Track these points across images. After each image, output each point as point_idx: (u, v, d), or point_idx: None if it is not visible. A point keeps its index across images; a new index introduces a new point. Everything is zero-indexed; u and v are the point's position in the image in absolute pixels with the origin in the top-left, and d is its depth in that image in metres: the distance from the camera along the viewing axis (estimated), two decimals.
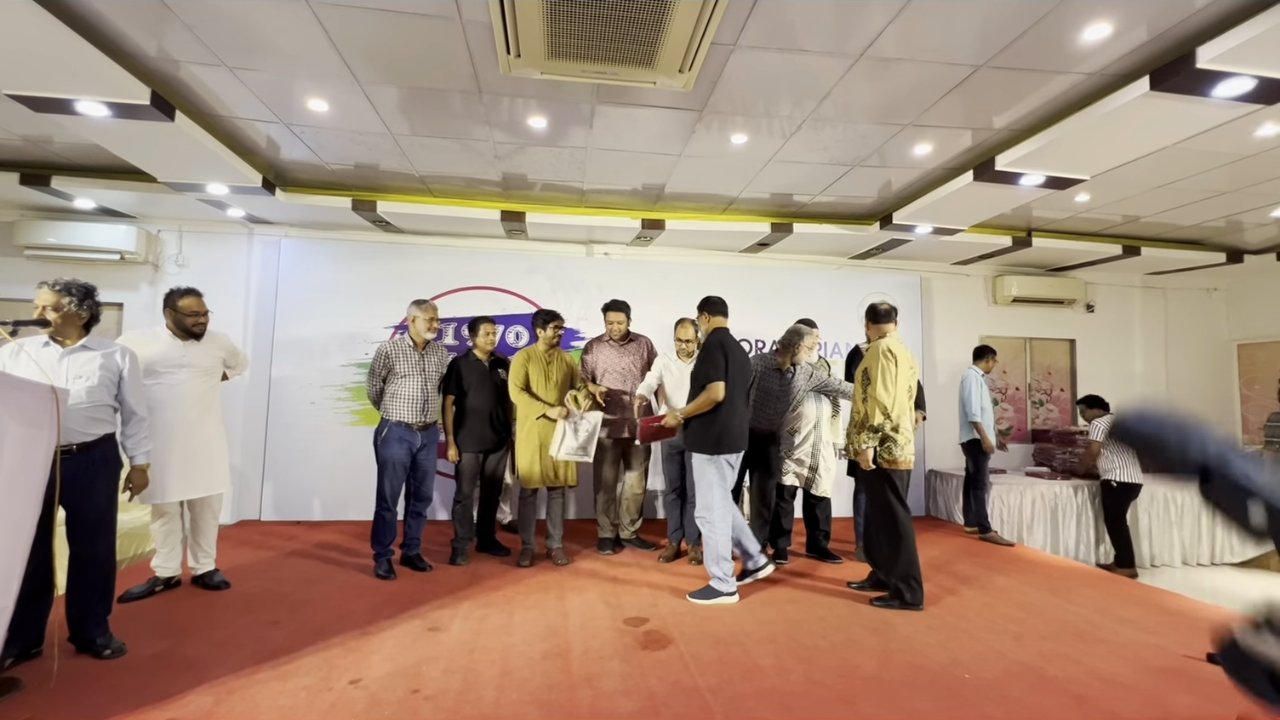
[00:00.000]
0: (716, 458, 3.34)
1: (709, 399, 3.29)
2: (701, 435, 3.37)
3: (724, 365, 3.31)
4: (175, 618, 3.02)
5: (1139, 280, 6.86)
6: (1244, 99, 2.90)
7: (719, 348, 3.36)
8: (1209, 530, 5.59)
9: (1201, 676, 2.54)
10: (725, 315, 3.53)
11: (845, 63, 2.96)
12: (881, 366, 3.37)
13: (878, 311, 3.57)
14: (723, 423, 3.33)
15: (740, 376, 3.41)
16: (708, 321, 3.51)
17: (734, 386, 3.35)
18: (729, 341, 3.42)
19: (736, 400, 3.37)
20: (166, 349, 3.28)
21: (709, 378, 3.31)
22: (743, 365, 3.45)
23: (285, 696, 2.28)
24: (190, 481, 3.28)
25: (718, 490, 3.35)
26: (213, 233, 5.32)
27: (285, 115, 3.61)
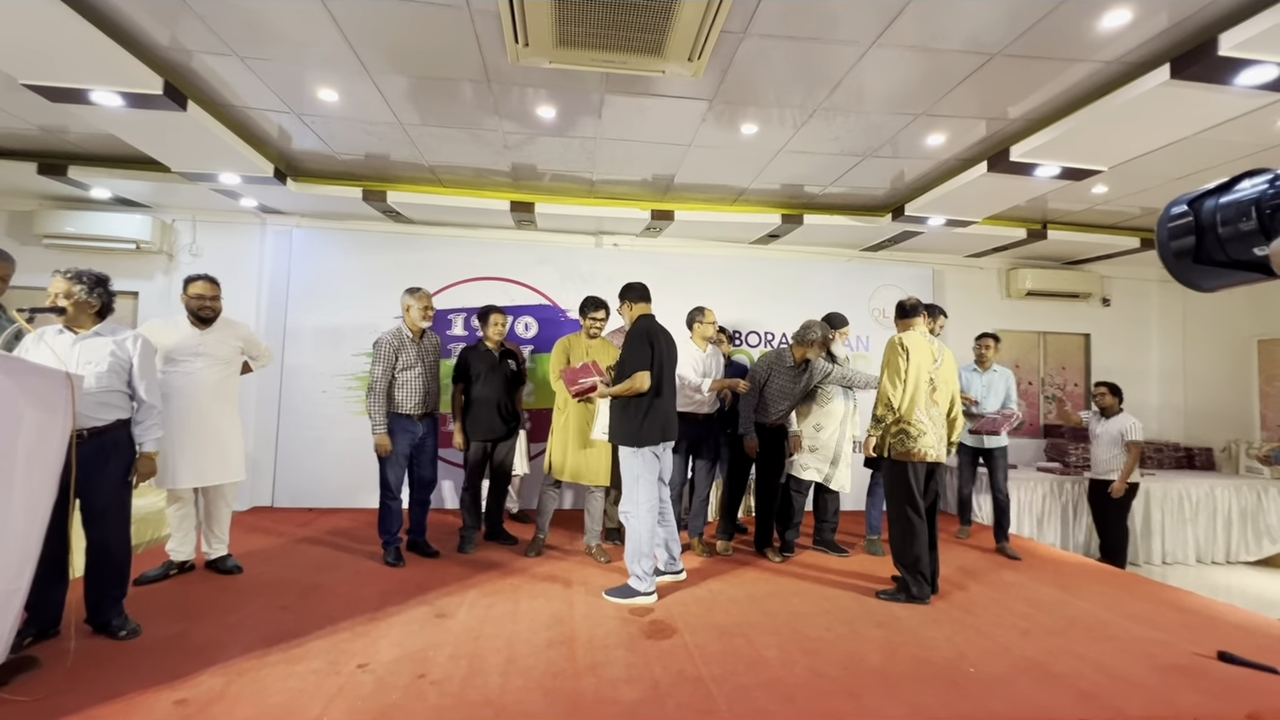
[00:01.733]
0: (641, 450, 3.23)
1: (632, 387, 3.19)
2: (624, 426, 3.25)
3: (650, 354, 3.22)
4: (188, 601, 3.08)
5: (1156, 274, 6.74)
6: (1267, 87, 2.83)
7: (644, 335, 3.26)
8: (1224, 528, 5.51)
9: (1211, 675, 2.51)
10: (649, 301, 3.44)
11: (858, 50, 2.92)
12: (889, 360, 3.38)
13: (904, 307, 3.59)
14: (646, 413, 3.22)
15: (668, 365, 3.33)
16: (630, 309, 3.40)
17: (661, 375, 3.26)
18: (655, 329, 3.32)
19: (663, 389, 3.28)
20: (184, 337, 3.34)
21: (635, 366, 3.21)
22: (669, 353, 3.36)
23: (294, 679, 2.32)
24: (201, 469, 3.32)
25: (644, 484, 3.24)
26: (226, 222, 5.37)
27: (296, 105, 3.63)
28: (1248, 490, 5.54)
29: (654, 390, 3.23)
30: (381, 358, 3.73)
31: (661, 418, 3.27)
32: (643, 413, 3.22)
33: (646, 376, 3.19)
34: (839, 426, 4.10)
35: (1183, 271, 1.01)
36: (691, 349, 4.15)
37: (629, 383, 3.21)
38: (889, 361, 3.39)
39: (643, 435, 3.21)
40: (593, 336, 4.02)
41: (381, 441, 3.66)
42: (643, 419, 3.21)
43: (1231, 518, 5.52)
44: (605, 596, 3.24)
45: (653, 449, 3.26)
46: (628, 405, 3.25)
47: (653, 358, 3.23)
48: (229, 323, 3.53)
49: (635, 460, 3.25)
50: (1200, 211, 0.97)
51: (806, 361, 4.06)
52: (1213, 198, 0.96)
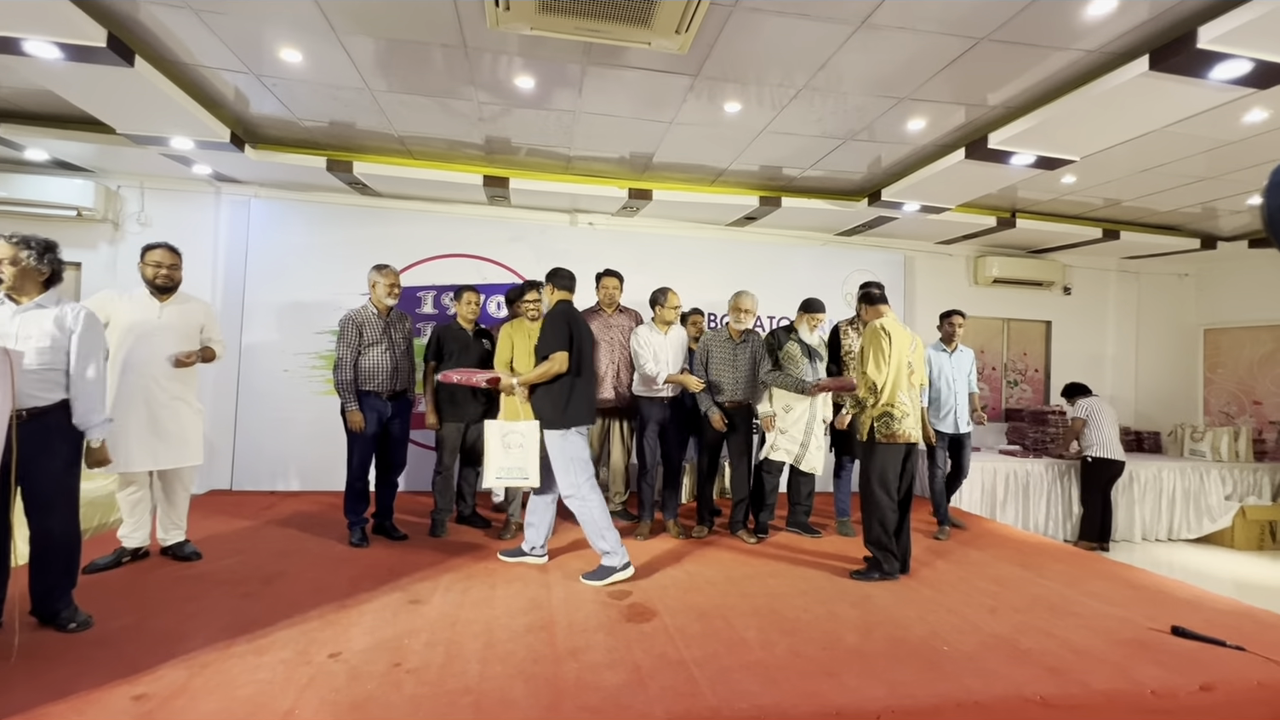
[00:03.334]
0: (567, 432, 3.24)
1: (550, 369, 3.20)
2: (548, 409, 3.25)
3: (568, 336, 3.23)
4: (144, 590, 2.93)
5: (1115, 264, 6.98)
6: (1239, 82, 2.90)
7: (563, 317, 3.27)
8: (1169, 508, 5.80)
9: (1166, 649, 2.63)
10: (572, 291, 3.44)
11: (846, 30, 2.88)
12: (873, 344, 3.42)
13: (872, 295, 3.69)
14: (570, 394, 3.24)
15: (586, 349, 3.35)
16: (552, 293, 3.42)
17: (580, 358, 3.29)
18: (574, 313, 3.35)
19: (584, 372, 3.32)
20: (143, 309, 3.16)
21: (552, 348, 3.21)
22: (587, 338, 3.39)
23: (262, 670, 2.22)
24: (156, 452, 3.15)
25: (577, 465, 3.24)
26: (177, 190, 5.07)
27: (255, 65, 3.40)
28: (1191, 472, 5.83)
29: (574, 370, 3.25)
30: (345, 335, 3.62)
31: (584, 399, 3.31)
32: (566, 394, 3.24)
33: (564, 357, 3.20)
34: (808, 408, 4.12)
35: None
36: (652, 335, 4.11)
37: (546, 365, 3.21)
38: (872, 345, 3.42)
39: (568, 416, 3.23)
40: (534, 319, 3.91)
41: (354, 418, 3.58)
42: (566, 400, 3.24)
43: (1175, 498, 5.81)
44: (584, 581, 3.21)
45: (578, 429, 3.27)
46: (551, 387, 3.25)
47: (571, 339, 3.24)
48: (188, 297, 3.35)
49: (564, 443, 3.24)
50: None
51: (748, 335, 4.11)
52: None
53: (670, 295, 4.11)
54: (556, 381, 3.24)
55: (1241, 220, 5.66)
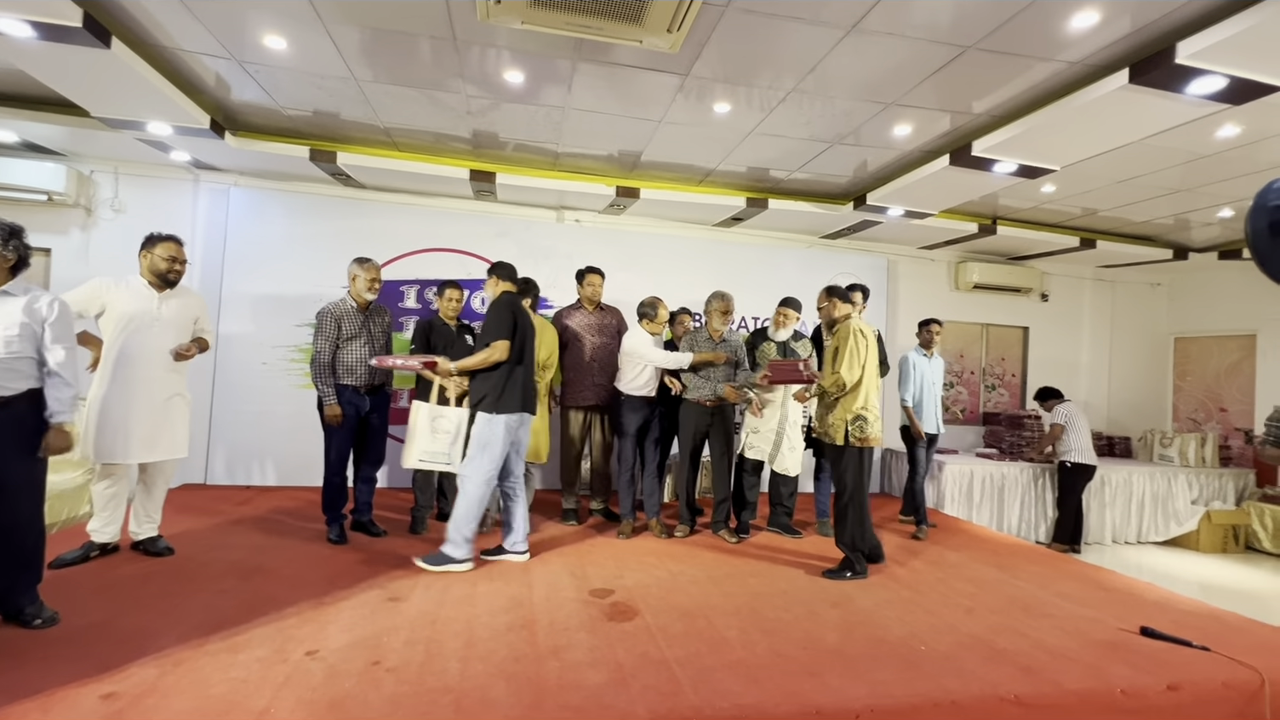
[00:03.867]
0: (496, 418, 3.25)
1: (489, 356, 3.23)
2: (484, 393, 3.28)
3: (511, 326, 3.27)
4: (114, 586, 2.85)
5: (1090, 272, 7.13)
6: (1214, 98, 2.98)
7: (507, 307, 3.32)
8: (1138, 511, 5.95)
9: (1135, 649, 2.69)
10: (515, 282, 3.48)
11: (836, 34, 2.90)
12: (849, 345, 3.42)
13: (841, 291, 3.70)
14: (507, 381, 3.27)
15: (528, 340, 3.39)
16: (496, 285, 3.43)
17: (522, 350, 3.32)
18: (518, 305, 3.40)
19: (524, 362, 3.35)
20: (142, 300, 3.12)
21: (493, 335, 3.25)
22: (530, 330, 3.43)
23: (237, 668, 2.18)
24: (152, 443, 3.13)
25: (489, 454, 3.25)
26: (153, 177, 4.94)
27: (238, 51, 3.33)
28: (1160, 477, 5.98)
29: (514, 359, 3.27)
30: (322, 328, 3.59)
31: (521, 389, 3.32)
32: (503, 382, 3.26)
33: (505, 345, 3.22)
34: (779, 408, 4.15)
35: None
36: (644, 335, 4.10)
37: (486, 352, 3.23)
38: (848, 346, 3.41)
39: (501, 403, 3.24)
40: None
41: (331, 411, 3.54)
42: (503, 386, 3.25)
43: (1144, 502, 5.96)
44: (418, 563, 3.25)
45: (508, 419, 3.27)
46: (489, 374, 3.27)
47: (514, 329, 3.27)
48: (184, 289, 3.33)
49: (488, 427, 3.26)
50: None
51: (728, 334, 4.18)
52: None
53: (661, 309, 4.11)
54: (495, 369, 3.26)
55: (1212, 232, 5.82)
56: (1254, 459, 6.29)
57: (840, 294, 3.68)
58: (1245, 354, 6.53)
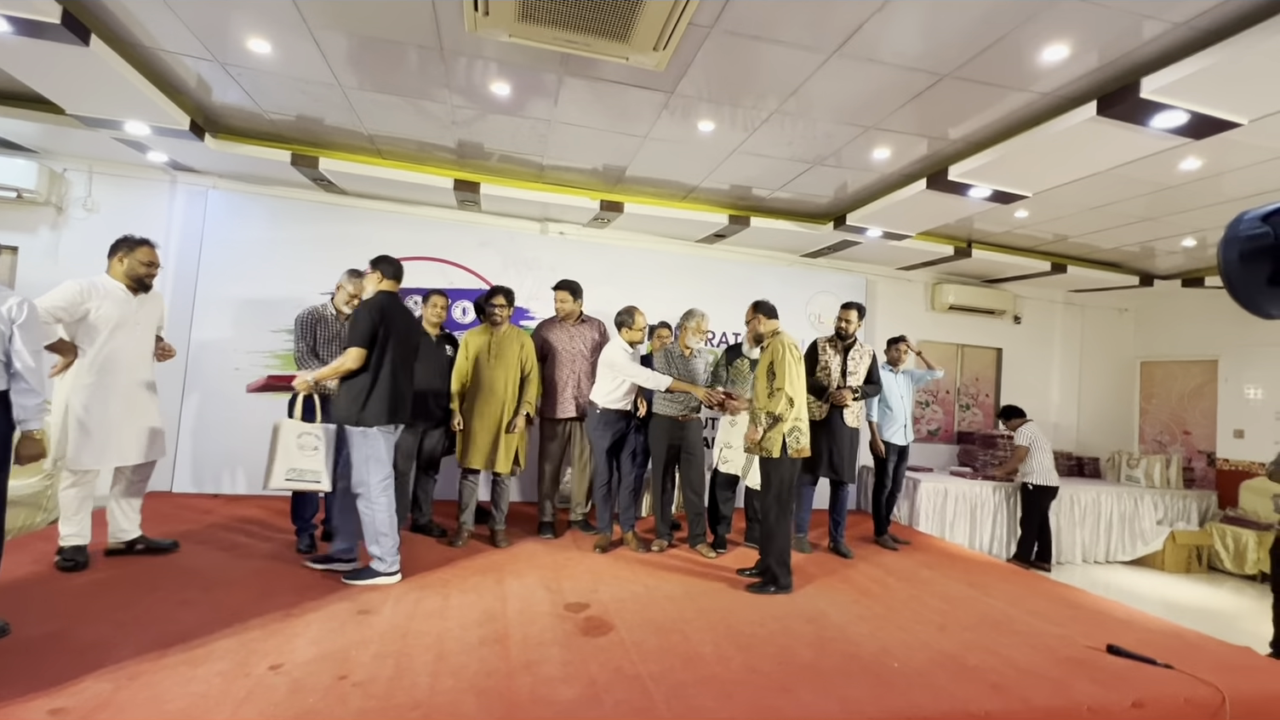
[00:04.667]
0: (368, 430, 3.10)
1: (340, 365, 3.07)
2: (348, 405, 3.11)
3: (372, 330, 3.08)
4: (69, 596, 2.75)
5: (1062, 297, 7.32)
6: (1177, 132, 3.10)
7: (374, 309, 3.12)
8: (1106, 531, 6.06)
9: (1101, 666, 2.73)
10: (398, 279, 3.31)
11: (818, 59, 2.97)
12: (787, 360, 3.47)
13: (769, 307, 3.76)
14: (370, 391, 3.09)
15: (402, 344, 3.21)
16: (380, 281, 3.25)
17: (393, 354, 3.15)
18: (391, 306, 3.19)
19: (396, 368, 3.16)
20: (122, 304, 3.12)
21: (350, 342, 3.09)
22: (406, 333, 3.25)
23: (196, 683, 2.11)
24: (139, 445, 3.21)
25: (374, 465, 3.12)
26: (129, 177, 4.86)
27: (220, 53, 3.30)
28: (1126, 497, 6.12)
29: (375, 367, 3.10)
30: (300, 333, 3.58)
31: (389, 397, 3.14)
32: (365, 391, 3.09)
33: (359, 353, 3.06)
34: (747, 420, 4.17)
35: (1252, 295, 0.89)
36: (623, 345, 4.08)
37: (338, 361, 3.09)
38: (786, 362, 3.46)
39: (366, 414, 3.09)
40: (497, 324, 4.02)
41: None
42: (366, 397, 3.09)
43: (1112, 521, 6.08)
44: (345, 581, 3.12)
45: (381, 429, 3.13)
46: (351, 384, 3.11)
47: (378, 334, 3.10)
48: (155, 292, 3.36)
49: (363, 440, 3.11)
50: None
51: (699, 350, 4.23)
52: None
53: (638, 317, 4.10)
54: (357, 378, 3.10)
55: (1176, 260, 6.02)
56: (1216, 481, 6.47)
57: (766, 309, 3.74)
58: (1207, 378, 6.74)
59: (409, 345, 3.29)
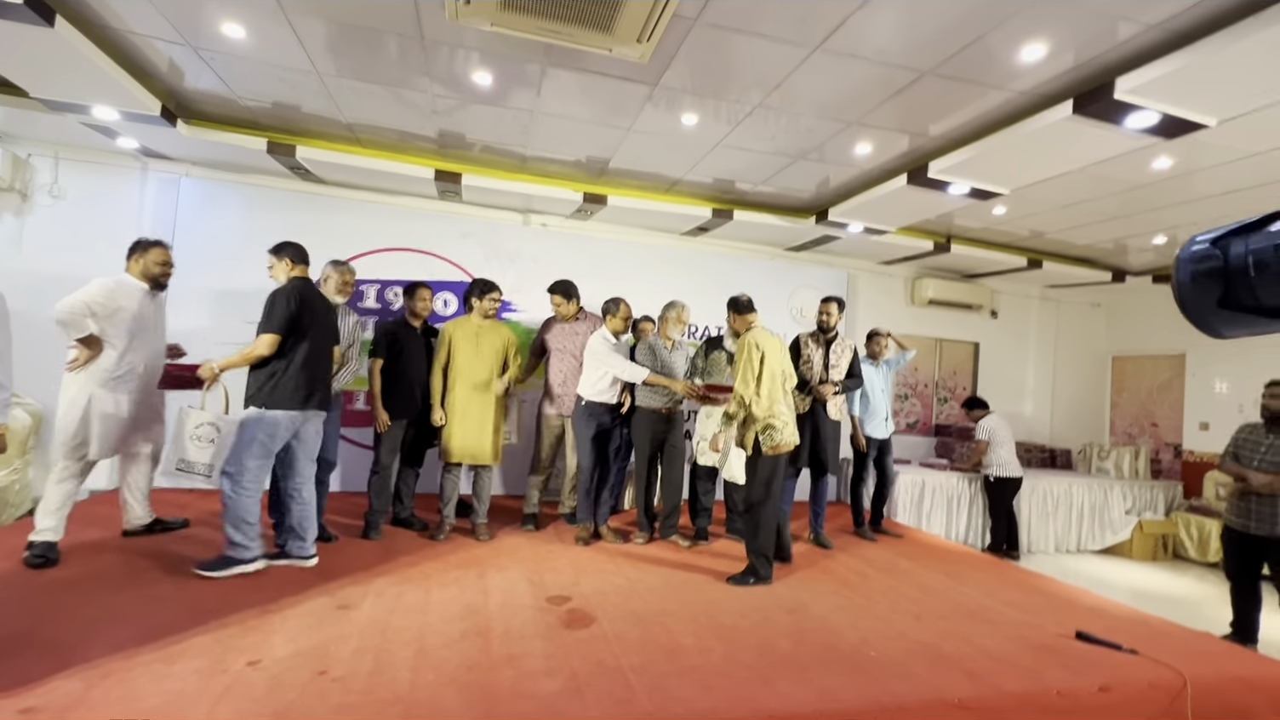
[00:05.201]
0: (266, 413, 3.00)
1: (250, 353, 2.98)
2: (257, 388, 3.02)
3: (290, 317, 3.01)
4: (37, 593, 2.69)
5: (1037, 292, 7.46)
6: (1149, 131, 3.17)
7: (288, 296, 3.04)
8: (1077, 521, 6.22)
9: (1071, 653, 2.81)
10: (308, 265, 3.24)
11: (802, 53, 2.98)
12: (744, 359, 3.44)
13: (741, 303, 3.66)
14: (281, 375, 3.02)
15: (320, 329, 3.14)
16: (290, 268, 3.17)
17: (311, 339, 3.07)
18: (305, 293, 3.11)
19: (312, 354, 3.09)
20: (142, 302, 3.29)
21: (261, 328, 3.00)
22: (324, 318, 3.20)
23: (171, 680, 2.08)
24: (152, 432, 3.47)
25: (256, 449, 3.00)
26: (98, 163, 4.72)
27: (193, 37, 3.22)
28: (1097, 488, 6.28)
29: (290, 352, 3.03)
30: None
31: (301, 382, 3.05)
32: (278, 374, 3.02)
33: (271, 340, 2.97)
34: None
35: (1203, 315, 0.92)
36: (607, 335, 4.07)
37: (249, 348, 3.00)
38: (743, 360, 3.44)
39: (273, 397, 3.00)
40: (488, 317, 3.99)
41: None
42: (275, 383, 3.01)
43: (1083, 512, 6.23)
44: (198, 572, 2.98)
45: (286, 414, 3.03)
46: (259, 370, 3.03)
47: (293, 320, 3.03)
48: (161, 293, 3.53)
49: (256, 420, 3.01)
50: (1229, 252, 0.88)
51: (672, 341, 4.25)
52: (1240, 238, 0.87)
53: (622, 306, 4.10)
54: (270, 362, 3.02)
55: (1147, 257, 6.17)
56: (1181, 472, 6.67)
57: (738, 306, 3.65)
58: (1175, 373, 6.93)
59: (327, 330, 3.25)
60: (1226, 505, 3.72)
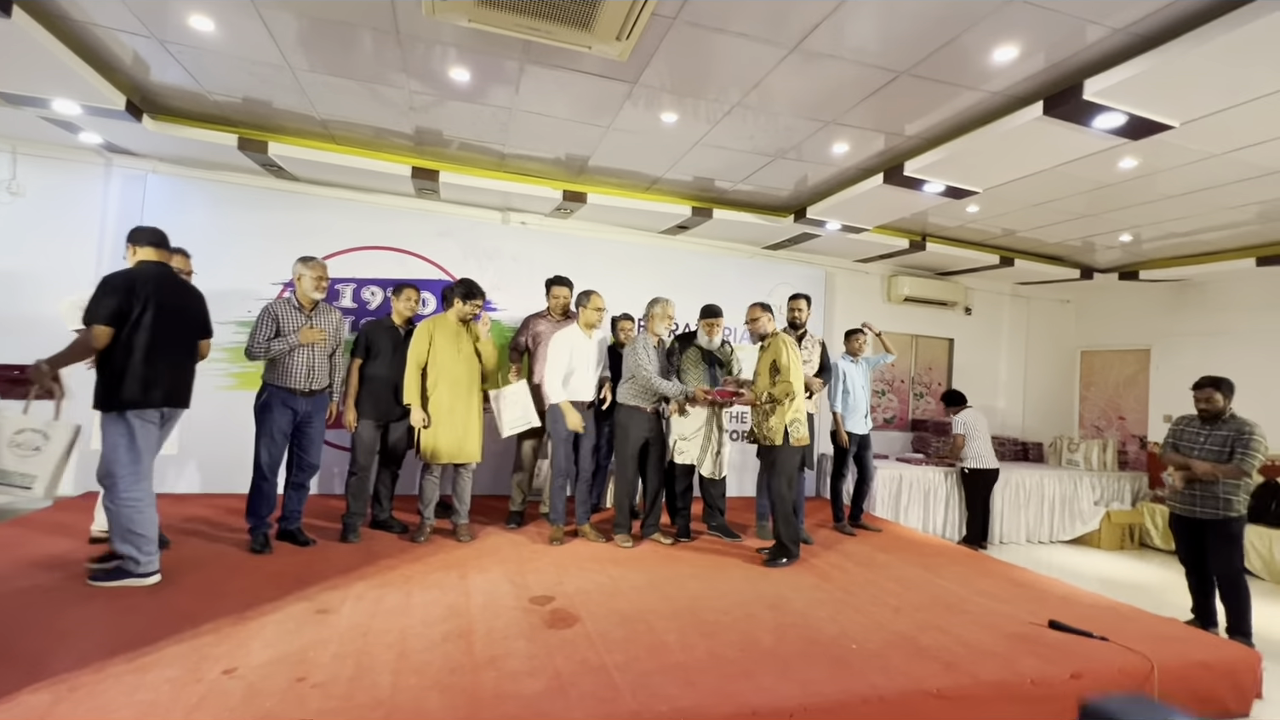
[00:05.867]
0: (121, 416, 2.79)
1: (79, 346, 2.71)
2: (100, 388, 2.78)
3: (114, 306, 2.73)
4: (1, 606, 2.60)
5: (1009, 289, 7.62)
6: (1116, 132, 3.25)
7: (104, 283, 2.77)
8: (1048, 513, 6.38)
9: (1044, 641, 2.88)
10: (157, 246, 2.96)
11: (780, 52, 3.00)
12: (786, 354, 3.74)
13: (771, 307, 4.07)
14: (123, 371, 2.77)
15: (165, 316, 2.87)
16: (134, 253, 2.94)
17: (152, 328, 2.81)
18: (146, 276, 2.86)
19: (155, 344, 2.82)
20: None
21: (92, 317, 2.72)
22: (172, 305, 2.92)
23: (144, 690, 2.03)
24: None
25: (121, 454, 2.80)
26: (58, 159, 4.57)
27: (159, 30, 3.13)
28: (1067, 479, 6.44)
29: (127, 344, 2.77)
30: (260, 324, 3.48)
31: (146, 376, 2.80)
32: (119, 372, 2.76)
33: (100, 333, 2.72)
34: (703, 411, 4.23)
35: None
36: (574, 338, 4.04)
37: (78, 341, 2.72)
38: (786, 355, 3.72)
39: (119, 397, 2.76)
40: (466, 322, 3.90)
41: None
42: (120, 379, 2.76)
43: (1054, 504, 6.39)
44: (91, 584, 2.83)
45: (139, 413, 2.82)
46: (103, 366, 2.78)
47: (119, 310, 2.75)
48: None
49: (112, 426, 2.80)
50: None
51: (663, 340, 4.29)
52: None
53: (594, 297, 4.09)
54: (111, 359, 2.76)
55: (1114, 255, 6.34)
56: (1147, 463, 6.87)
57: (770, 310, 4.04)
58: (1141, 367, 7.13)
59: (177, 318, 2.95)
60: (1170, 494, 3.86)
